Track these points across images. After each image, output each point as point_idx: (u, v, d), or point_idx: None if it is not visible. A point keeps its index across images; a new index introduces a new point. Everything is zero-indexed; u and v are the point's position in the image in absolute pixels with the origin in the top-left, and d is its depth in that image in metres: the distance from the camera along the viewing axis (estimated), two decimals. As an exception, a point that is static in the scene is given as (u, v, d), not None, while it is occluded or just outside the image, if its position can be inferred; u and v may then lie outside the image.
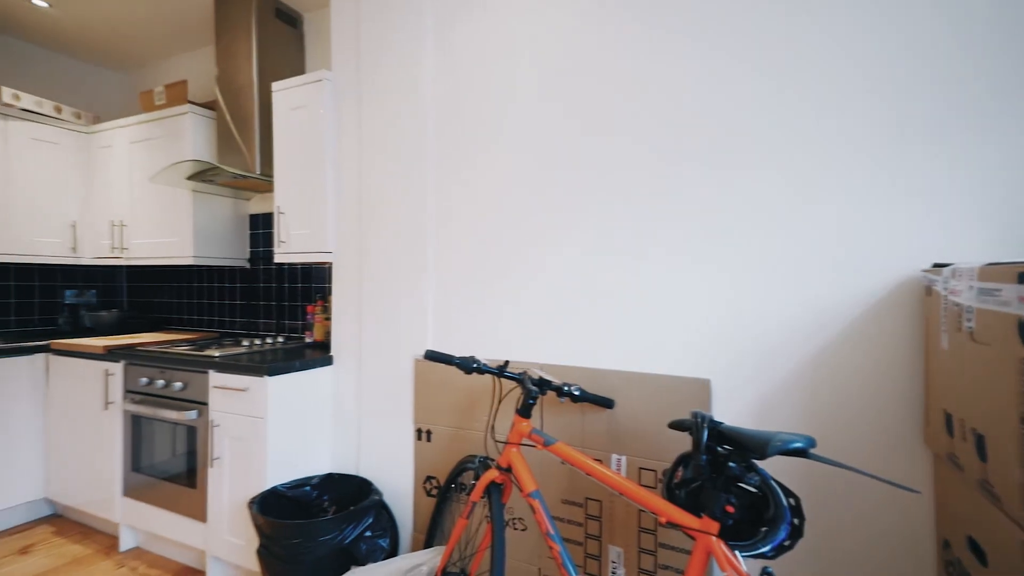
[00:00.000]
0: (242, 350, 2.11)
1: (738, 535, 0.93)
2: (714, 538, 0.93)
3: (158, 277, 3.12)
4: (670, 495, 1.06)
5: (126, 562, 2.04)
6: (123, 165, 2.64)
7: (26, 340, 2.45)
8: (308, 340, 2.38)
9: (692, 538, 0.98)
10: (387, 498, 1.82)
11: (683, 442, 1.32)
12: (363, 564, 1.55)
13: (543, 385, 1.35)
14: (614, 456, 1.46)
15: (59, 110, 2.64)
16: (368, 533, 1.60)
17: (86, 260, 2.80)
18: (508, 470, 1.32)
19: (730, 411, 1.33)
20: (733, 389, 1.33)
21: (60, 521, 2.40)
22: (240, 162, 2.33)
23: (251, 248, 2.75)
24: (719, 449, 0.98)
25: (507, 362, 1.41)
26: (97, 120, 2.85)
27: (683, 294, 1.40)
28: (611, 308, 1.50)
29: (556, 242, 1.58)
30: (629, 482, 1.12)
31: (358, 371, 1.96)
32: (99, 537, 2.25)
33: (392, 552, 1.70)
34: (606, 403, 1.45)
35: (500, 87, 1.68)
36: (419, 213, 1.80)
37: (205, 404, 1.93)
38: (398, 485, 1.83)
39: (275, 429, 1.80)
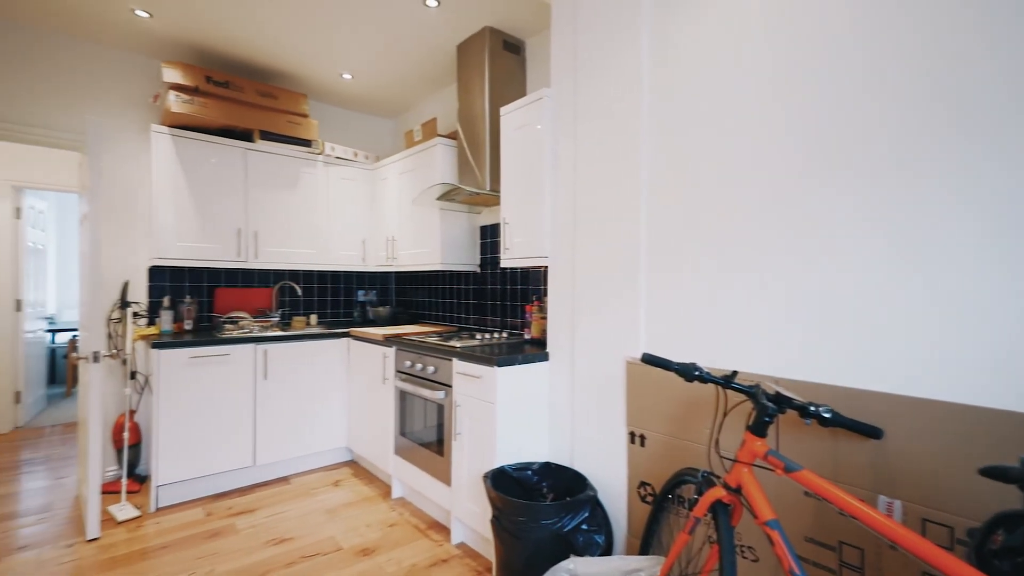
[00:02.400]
0: (476, 343, 2.44)
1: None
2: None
3: (415, 280, 3.85)
4: (983, 564, 0.80)
5: (396, 508, 2.58)
6: (394, 192, 3.36)
7: (335, 327, 3.34)
8: (527, 336, 2.61)
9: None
10: (601, 496, 1.86)
11: (1000, 495, 0.98)
12: (580, 555, 1.62)
13: (781, 402, 1.19)
14: (882, 498, 1.18)
15: (356, 154, 3.51)
16: (584, 526, 1.66)
17: (370, 268, 3.65)
18: (738, 491, 1.20)
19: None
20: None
21: (355, 466, 3.18)
22: (474, 181, 2.71)
23: (481, 255, 3.16)
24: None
25: (735, 372, 1.28)
26: (378, 159, 3.70)
27: (991, 302, 1.05)
28: (886, 319, 1.22)
29: (825, 248, 1.37)
30: (914, 534, 0.89)
31: (571, 368, 2.06)
32: (379, 483, 2.90)
33: (607, 550, 1.73)
34: (871, 432, 1.18)
35: (724, 83, 1.54)
36: (631, 216, 1.79)
37: (450, 387, 2.30)
38: (611, 485, 1.85)
39: (503, 414, 2.02)
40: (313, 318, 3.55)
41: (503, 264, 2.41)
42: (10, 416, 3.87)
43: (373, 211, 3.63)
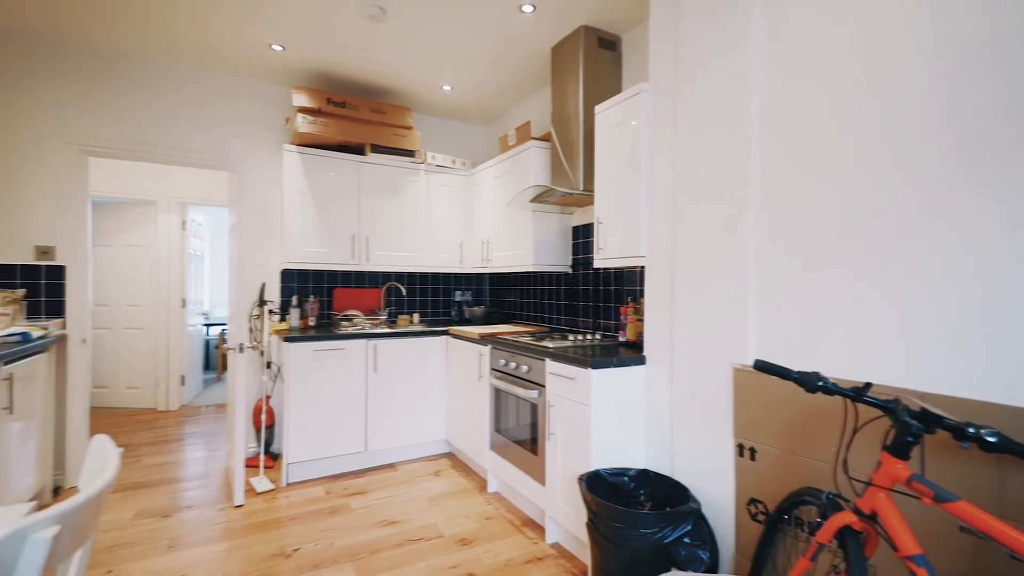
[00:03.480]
0: (568, 344, 2.43)
1: None
2: None
3: (507, 281, 3.95)
4: None
5: (492, 502, 2.67)
6: (489, 196, 3.47)
7: (435, 326, 3.53)
8: (621, 339, 2.54)
9: None
10: (705, 510, 1.76)
11: None
12: (682, 569, 1.54)
13: (929, 420, 1.03)
14: (1071, 545, 0.97)
15: (454, 162, 3.69)
16: (687, 539, 1.58)
17: (467, 269, 3.80)
18: (872, 517, 1.06)
19: None
20: None
21: (453, 458, 3.33)
22: (567, 182, 2.70)
23: (573, 255, 3.15)
24: None
25: (868, 384, 1.14)
26: (474, 164, 3.85)
27: None
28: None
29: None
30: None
31: (670, 373, 1.97)
32: (475, 476, 3.01)
33: (712, 568, 1.62)
34: (1054, 462, 0.98)
35: (860, 67, 1.38)
36: (739, 214, 1.67)
37: (543, 386, 2.32)
38: (716, 499, 1.74)
39: (597, 417, 1.99)
40: (416, 317, 3.79)
41: (596, 264, 2.38)
42: (177, 396, 4.64)
43: (469, 215, 3.78)
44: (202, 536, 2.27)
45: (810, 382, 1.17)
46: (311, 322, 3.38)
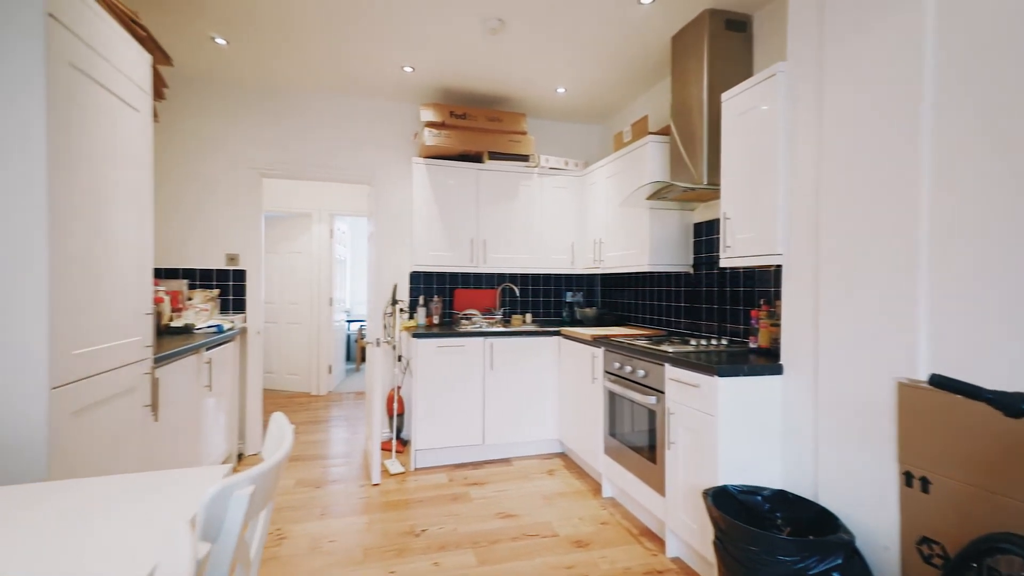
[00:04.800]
0: (690, 349, 2.29)
1: None
2: None
3: (621, 282, 3.85)
4: None
5: (607, 507, 2.62)
6: (602, 195, 3.42)
7: (546, 326, 3.57)
8: (752, 345, 2.33)
9: None
10: (860, 543, 1.53)
11: None
12: (830, 608, 1.36)
13: None
14: None
15: (566, 163, 3.70)
16: (836, 575, 1.39)
17: (578, 270, 3.79)
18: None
19: None
20: None
21: (566, 458, 3.35)
22: (688, 176, 2.55)
23: (694, 254, 2.96)
24: None
25: (1101, 412, 0.90)
26: (586, 164, 3.82)
27: None
28: None
29: None
30: None
31: (813, 385, 1.75)
32: (588, 479, 2.99)
33: (868, 611, 1.41)
34: None
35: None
36: (905, 202, 1.42)
37: (662, 393, 2.21)
38: (874, 533, 1.50)
39: (725, 429, 1.85)
40: (528, 317, 3.87)
41: (722, 264, 2.21)
42: (326, 383, 5.32)
43: (581, 215, 3.76)
44: (347, 508, 2.57)
45: (1012, 404, 0.96)
46: (435, 320, 3.64)
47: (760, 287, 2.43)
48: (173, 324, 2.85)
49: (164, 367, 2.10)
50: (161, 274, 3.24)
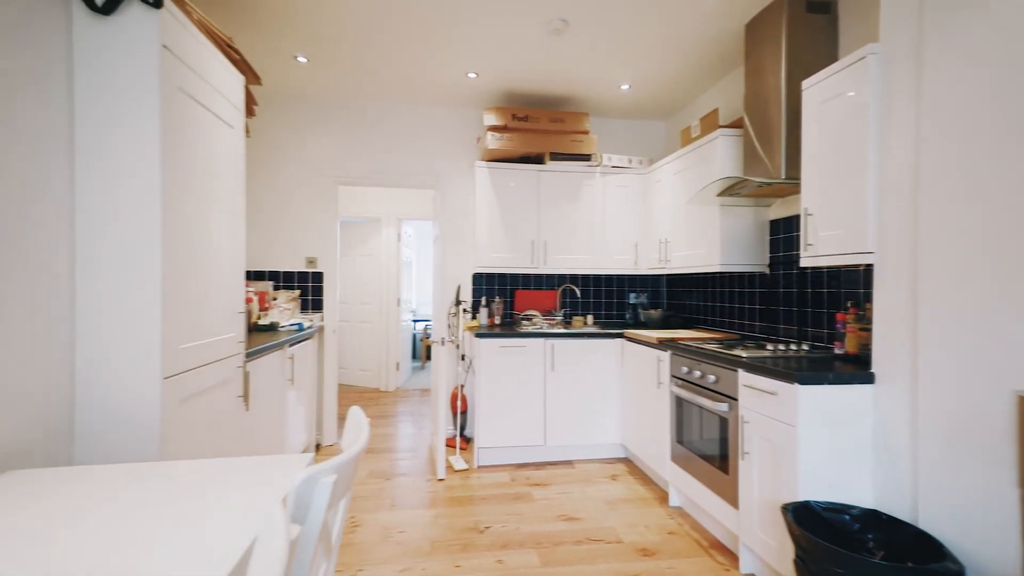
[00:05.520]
0: (766, 354, 2.15)
1: None
2: None
3: (688, 283, 3.70)
4: None
5: (674, 516, 2.53)
6: (667, 193, 3.31)
7: (608, 328, 3.50)
8: (837, 351, 2.15)
9: None
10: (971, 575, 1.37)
11: None
12: (933, 644, 1.23)
13: None
14: None
15: (630, 161, 3.62)
16: (941, 609, 1.25)
17: (642, 270, 3.69)
18: None
19: None
20: None
21: (629, 464, 3.26)
22: (764, 170, 2.40)
23: (771, 253, 2.78)
24: None
25: None
26: (651, 162, 3.71)
27: None
28: None
29: None
30: None
31: (911, 397, 1.58)
32: (654, 487, 2.90)
33: (981, 653, 1.26)
34: None
35: None
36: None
37: (735, 400, 2.10)
38: (991, 564, 1.34)
39: (806, 440, 1.72)
40: (589, 318, 3.82)
41: (803, 263, 2.06)
42: (394, 379, 5.56)
43: (645, 214, 3.65)
44: (414, 500, 2.67)
45: None
46: (496, 320, 3.69)
47: (846, 288, 2.24)
48: (260, 322, 3.10)
49: (254, 361, 2.30)
50: (250, 276, 3.54)
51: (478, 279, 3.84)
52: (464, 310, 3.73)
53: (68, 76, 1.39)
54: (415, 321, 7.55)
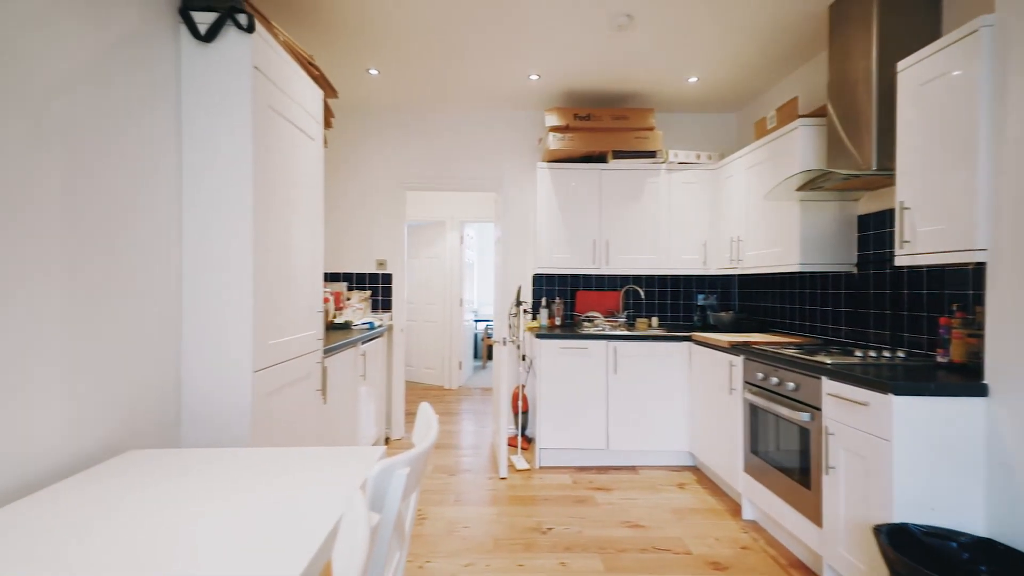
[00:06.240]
0: (854, 360, 1.98)
1: None
2: None
3: (763, 283, 3.48)
4: None
5: (748, 530, 2.39)
6: (740, 189, 3.13)
7: (674, 331, 3.38)
8: (940, 359, 1.93)
9: None
10: (1113, 623, 1.18)
11: None
12: None
13: None
14: None
15: (698, 156, 3.47)
16: (1076, 658, 1.09)
17: (711, 271, 3.52)
18: None
19: None
20: None
21: (698, 472, 3.13)
22: (851, 161, 2.22)
23: (859, 251, 2.56)
24: None
25: None
26: (721, 157, 3.54)
27: None
28: None
29: None
30: None
31: (1038, 414, 1.39)
32: (725, 498, 2.75)
33: None
34: None
35: None
36: None
37: (818, 409, 1.95)
38: None
39: (903, 457, 1.56)
40: (654, 320, 3.70)
41: (898, 262, 1.87)
42: (457, 378, 5.70)
43: (715, 212, 3.49)
44: (477, 497, 2.73)
45: None
46: (557, 321, 3.68)
47: (951, 289, 2.01)
48: (336, 321, 3.30)
49: (331, 358, 2.45)
50: (325, 277, 3.78)
51: (538, 280, 3.85)
52: (525, 311, 3.75)
53: (176, 99, 1.56)
54: (476, 321, 7.69)
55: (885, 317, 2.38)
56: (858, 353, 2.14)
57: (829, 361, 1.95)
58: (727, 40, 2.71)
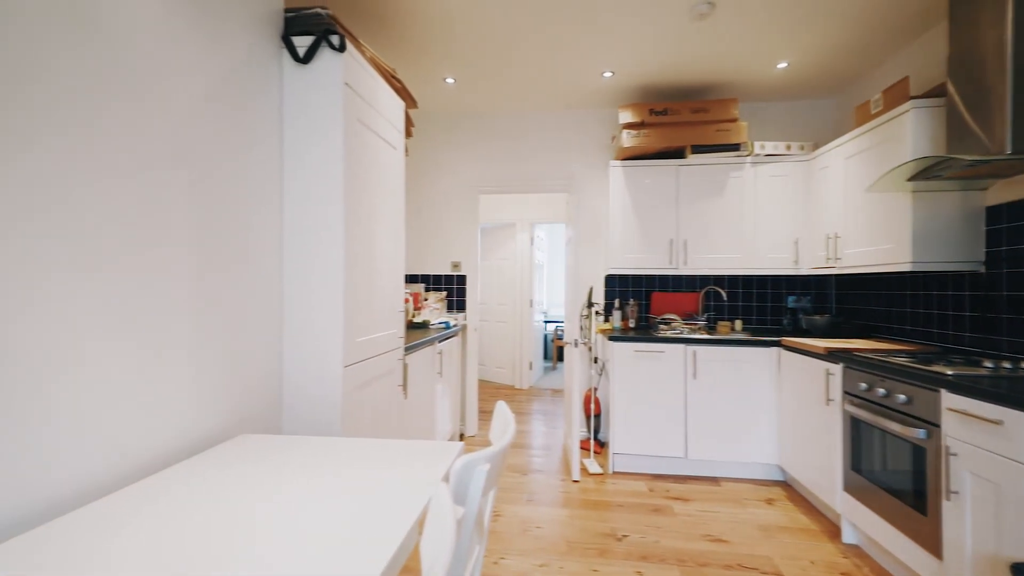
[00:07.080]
0: (983, 372, 1.73)
1: None
2: None
3: (864, 284, 3.15)
4: None
5: (848, 555, 2.17)
6: (838, 181, 2.86)
7: (760, 335, 3.15)
8: (1100, 374, 1.63)
9: None
10: None
11: None
12: None
13: None
14: None
15: (788, 147, 3.22)
16: None
17: (804, 271, 3.25)
18: None
19: None
20: None
21: (788, 489, 2.89)
22: (975, 146, 1.94)
23: (987, 248, 2.24)
24: None
25: None
26: (815, 147, 3.26)
27: None
28: None
29: None
30: None
31: None
32: (821, 518, 2.52)
33: None
34: None
35: None
36: None
37: (936, 426, 1.73)
38: None
39: (1050, 487, 1.34)
40: (738, 324, 3.48)
41: (1043, 260, 1.61)
42: (527, 378, 5.74)
43: (808, 206, 3.21)
44: (550, 498, 2.72)
45: None
46: (630, 323, 3.58)
47: (1115, 291, 1.69)
48: (414, 320, 3.46)
49: (411, 355, 2.56)
50: (405, 279, 3.97)
51: (611, 281, 3.77)
52: (596, 312, 3.69)
53: (279, 118, 1.72)
54: (546, 322, 7.69)
55: (1020, 322, 2.05)
56: (987, 364, 1.87)
57: (950, 372, 1.72)
58: (820, 20, 2.49)
